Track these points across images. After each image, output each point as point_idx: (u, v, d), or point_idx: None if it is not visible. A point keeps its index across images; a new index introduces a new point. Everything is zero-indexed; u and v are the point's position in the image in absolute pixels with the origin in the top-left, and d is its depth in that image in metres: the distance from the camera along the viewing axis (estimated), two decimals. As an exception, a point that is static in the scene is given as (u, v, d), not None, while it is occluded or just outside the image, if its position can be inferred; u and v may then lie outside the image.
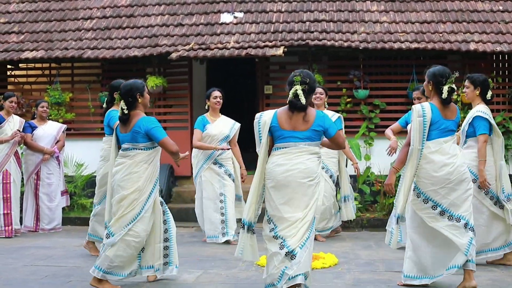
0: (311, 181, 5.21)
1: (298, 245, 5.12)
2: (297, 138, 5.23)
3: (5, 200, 9.28)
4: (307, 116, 5.23)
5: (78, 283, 6.29)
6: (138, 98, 5.93)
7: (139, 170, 5.92)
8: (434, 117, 5.71)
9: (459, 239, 5.65)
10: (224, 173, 8.59)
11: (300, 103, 5.17)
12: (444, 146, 5.73)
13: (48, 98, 11.52)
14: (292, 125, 5.24)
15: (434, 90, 5.83)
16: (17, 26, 12.55)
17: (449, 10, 11.82)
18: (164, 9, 12.54)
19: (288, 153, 5.22)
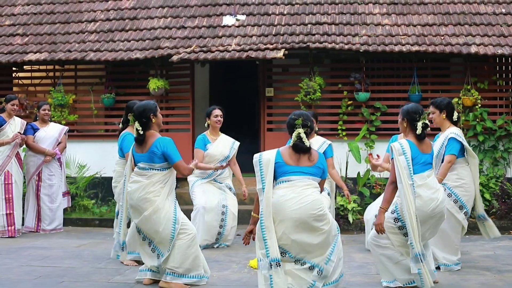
0: (320, 211, 5.27)
1: (322, 261, 5.29)
2: (302, 173, 5.37)
3: (7, 201, 9.40)
4: (311, 156, 5.44)
5: (70, 284, 6.37)
6: (152, 118, 6.08)
7: (156, 189, 6.04)
8: (413, 152, 5.85)
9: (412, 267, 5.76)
10: (225, 187, 8.71)
11: (305, 146, 5.37)
12: (428, 180, 5.90)
13: (51, 100, 11.63)
14: (296, 161, 5.40)
15: (409, 126, 5.99)
16: (22, 28, 12.67)
17: (451, 12, 11.81)
18: (167, 12, 12.61)
19: (294, 186, 5.32)
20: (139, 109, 6.12)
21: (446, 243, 6.89)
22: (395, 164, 5.81)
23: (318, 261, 5.28)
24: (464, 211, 6.94)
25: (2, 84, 12.55)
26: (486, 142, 10.97)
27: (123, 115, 7.52)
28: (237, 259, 7.57)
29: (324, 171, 5.50)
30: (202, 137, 8.66)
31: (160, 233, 6.02)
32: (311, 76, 11.20)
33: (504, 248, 8.40)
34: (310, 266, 5.27)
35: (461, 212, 6.92)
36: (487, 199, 10.29)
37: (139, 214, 6.06)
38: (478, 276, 6.60)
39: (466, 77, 11.08)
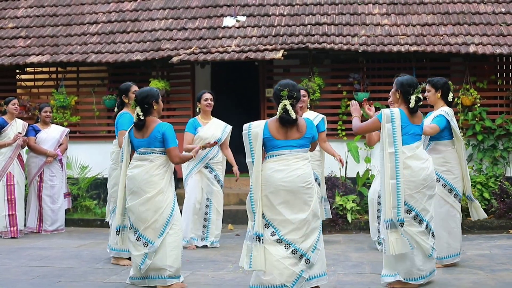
0: (308, 185, 5.37)
1: (310, 249, 5.34)
2: (291, 146, 5.40)
3: (9, 202, 9.53)
4: (299, 127, 5.42)
5: (66, 284, 6.45)
6: (154, 105, 6.13)
7: (160, 173, 6.08)
8: (403, 122, 5.90)
9: (426, 244, 5.93)
10: (214, 178, 8.64)
11: (291, 118, 5.35)
12: (417, 151, 5.97)
13: (53, 102, 11.75)
14: (286, 135, 5.40)
15: (402, 98, 6.03)
16: (25, 31, 12.79)
17: (450, 12, 11.83)
18: (168, 13, 12.70)
19: (284, 159, 5.37)
20: (142, 94, 6.15)
21: (447, 230, 6.93)
22: (382, 130, 5.89)
23: (305, 248, 5.31)
24: (453, 193, 6.95)
25: (6, 86, 12.70)
26: (486, 142, 11.00)
27: (117, 98, 7.52)
28: (233, 259, 7.61)
29: (313, 137, 5.50)
30: (193, 120, 8.65)
31: (157, 215, 5.98)
32: (310, 76, 11.25)
33: (501, 247, 8.42)
34: (300, 255, 5.30)
35: (451, 195, 6.93)
36: (486, 198, 10.31)
37: (139, 197, 6.01)
38: (470, 275, 6.63)
39: (465, 76, 11.11)
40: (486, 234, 9.64)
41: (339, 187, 10.63)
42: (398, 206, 5.77)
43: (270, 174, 5.33)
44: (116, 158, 7.32)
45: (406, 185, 5.84)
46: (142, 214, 6.02)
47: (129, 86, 7.32)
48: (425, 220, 5.95)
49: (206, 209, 8.57)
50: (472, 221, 9.94)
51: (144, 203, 6.00)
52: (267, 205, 5.37)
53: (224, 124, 8.80)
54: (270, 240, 5.32)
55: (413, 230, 5.89)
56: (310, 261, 5.34)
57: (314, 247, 5.37)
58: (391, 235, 5.78)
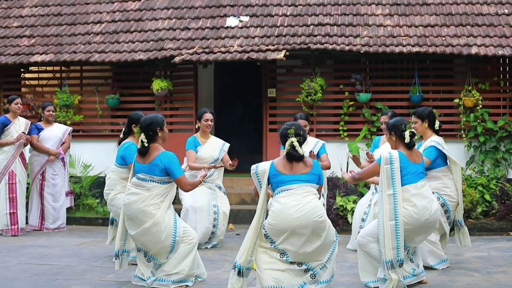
0: (321, 218, 5.47)
1: (318, 266, 5.55)
2: (299, 181, 5.53)
3: (11, 200, 9.59)
4: (306, 163, 5.61)
5: (63, 281, 6.52)
6: (158, 132, 6.15)
7: (156, 203, 6.08)
8: (403, 162, 6.04)
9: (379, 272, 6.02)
10: (215, 186, 8.76)
11: (298, 154, 5.54)
12: (422, 190, 6.08)
13: (57, 101, 11.82)
14: (292, 171, 5.57)
15: (398, 139, 6.21)
16: (29, 30, 12.86)
17: (453, 13, 11.81)
18: (171, 13, 12.73)
19: (294, 194, 5.49)
20: (146, 121, 6.17)
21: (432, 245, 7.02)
22: (380, 172, 6.00)
23: (314, 266, 5.50)
24: (447, 215, 7.10)
25: (11, 85, 12.77)
26: (487, 143, 10.98)
27: (125, 126, 7.43)
28: (231, 259, 7.57)
29: (320, 177, 5.64)
30: (193, 139, 8.73)
31: (159, 245, 6.08)
32: (312, 77, 11.27)
33: (499, 249, 8.42)
34: (305, 269, 5.49)
35: (445, 216, 7.06)
36: (487, 200, 10.33)
37: (138, 226, 6.07)
38: (466, 277, 6.65)
39: (468, 78, 11.10)
40: (486, 236, 9.65)
41: (340, 187, 10.66)
42: (398, 247, 5.84)
43: (281, 210, 5.43)
44: (112, 185, 7.38)
45: (408, 220, 5.92)
46: (146, 243, 6.14)
47: (141, 117, 6.86)
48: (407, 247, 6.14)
49: (214, 215, 8.56)
50: (472, 222, 9.99)
51: (144, 234, 6.07)
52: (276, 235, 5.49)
53: (222, 143, 8.82)
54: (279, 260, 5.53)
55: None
56: (315, 277, 5.53)
57: (323, 265, 5.56)
58: (393, 275, 5.82)
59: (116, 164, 7.28)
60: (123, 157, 7.16)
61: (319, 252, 5.50)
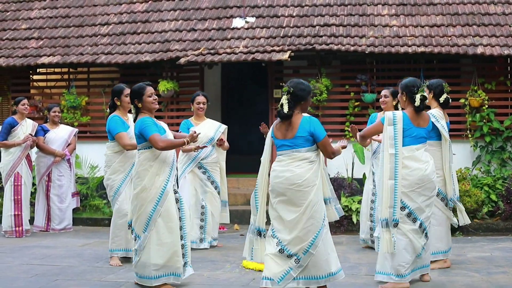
0: (298, 187, 5.45)
1: (301, 250, 5.45)
2: (286, 146, 5.52)
3: (16, 202, 9.65)
4: (292, 124, 5.49)
5: (63, 282, 6.55)
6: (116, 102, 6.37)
7: (143, 168, 6.06)
8: (405, 124, 6.10)
9: (417, 243, 6.12)
10: (207, 179, 8.55)
11: (283, 113, 5.48)
12: (416, 153, 6.15)
13: (64, 102, 11.91)
14: (283, 134, 5.54)
15: (408, 100, 6.22)
16: (37, 32, 12.97)
17: (460, 13, 11.76)
18: (178, 15, 12.78)
19: (282, 160, 5.54)
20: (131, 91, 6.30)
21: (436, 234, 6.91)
22: (383, 132, 6.12)
23: (296, 250, 5.45)
24: (440, 197, 6.94)
25: (19, 86, 12.88)
26: (494, 143, 10.92)
27: (110, 100, 7.43)
28: (232, 259, 7.67)
29: (312, 134, 5.44)
30: (186, 121, 8.65)
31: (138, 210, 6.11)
32: (317, 77, 11.27)
33: (503, 249, 8.36)
34: (287, 255, 5.46)
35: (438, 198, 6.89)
36: (493, 200, 10.25)
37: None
38: (465, 278, 6.61)
39: (473, 78, 11.05)
40: (491, 236, 9.58)
41: (345, 188, 10.63)
42: (394, 206, 6.00)
43: (271, 174, 5.56)
44: (107, 161, 7.49)
45: (402, 184, 6.03)
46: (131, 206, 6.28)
47: (122, 89, 7.34)
48: (419, 219, 6.11)
49: (202, 209, 8.46)
50: (477, 223, 9.93)
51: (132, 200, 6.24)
52: (270, 202, 5.62)
53: (218, 124, 8.76)
54: (268, 234, 5.60)
55: (406, 227, 6.07)
56: (299, 262, 5.45)
57: (306, 250, 5.44)
58: (386, 233, 5.98)
59: (109, 140, 7.43)
60: (107, 130, 7.32)
61: (300, 229, 5.42)
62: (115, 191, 7.34)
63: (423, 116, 6.23)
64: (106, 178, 7.46)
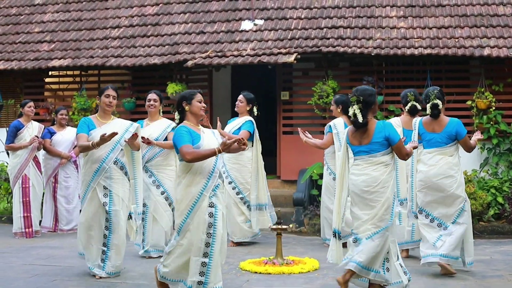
0: (374, 188, 5.74)
1: (364, 236, 5.73)
2: (363, 152, 5.79)
3: (24, 204, 9.81)
4: (367, 131, 5.76)
5: (61, 282, 6.67)
6: (185, 106, 5.77)
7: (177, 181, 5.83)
8: (419, 130, 6.99)
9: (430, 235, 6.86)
10: (152, 183, 7.91)
11: (359, 123, 5.71)
12: (423, 157, 6.95)
13: (75, 104, 12.08)
14: (358, 141, 5.81)
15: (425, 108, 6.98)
16: (49, 35, 13.17)
17: (468, 14, 11.72)
18: (188, 17, 12.90)
19: (359, 164, 5.82)
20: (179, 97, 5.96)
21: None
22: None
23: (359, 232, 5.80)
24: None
25: (32, 89, 13.07)
26: (501, 145, 10.87)
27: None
28: (232, 260, 7.71)
29: (387, 138, 5.73)
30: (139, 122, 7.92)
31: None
32: (324, 79, 11.30)
33: (504, 253, 8.33)
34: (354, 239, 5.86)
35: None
36: (500, 203, 10.22)
37: None
38: (459, 281, 6.61)
39: (480, 80, 11.00)
40: (496, 239, 9.54)
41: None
42: (412, 200, 7.10)
43: (351, 177, 5.85)
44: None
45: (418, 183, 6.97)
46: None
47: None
48: (430, 214, 6.89)
49: (143, 215, 7.64)
50: (483, 225, 9.90)
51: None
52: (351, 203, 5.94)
53: (168, 123, 8.04)
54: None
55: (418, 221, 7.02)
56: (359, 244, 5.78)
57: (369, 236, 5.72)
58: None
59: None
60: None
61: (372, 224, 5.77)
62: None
63: (439, 122, 6.87)
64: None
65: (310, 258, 7.65)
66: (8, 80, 13.08)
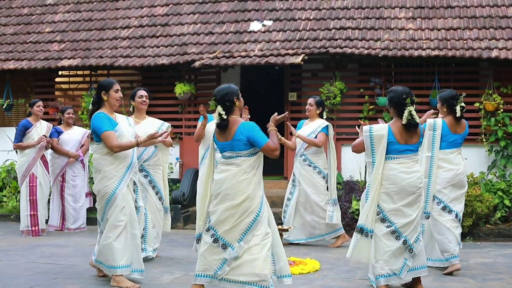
0: (421, 185, 6.14)
1: (414, 239, 6.04)
2: (410, 150, 6.07)
3: (31, 202, 9.90)
4: (417, 131, 6.11)
5: (61, 280, 6.72)
6: (235, 101, 5.63)
7: (248, 177, 5.54)
8: (444, 131, 7.08)
9: (455, 230, 7.05)
10: (148, 183, 7.90)
11: (414, 123, 6.01)
12: (449, 156, 7.14)
13: (84, 104, 12.16)
14: (407, 140, 6.04)
15: (448, 110, 7.15)
16: (60, 35, 13.27)
17: (477, 16, 11.65)
18: (197, 18, 12.94)
19: (405, 162, 6.05)
20: (222, 91, 5.63)
21: None
22: (424, 136, 6.78)
23: (411, 239, 6.05)
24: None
25: (42, 88, 13.16)
26: (509, 148, 10.78)
27: (95, 95, 6.75)
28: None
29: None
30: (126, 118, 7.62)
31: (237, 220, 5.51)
32: (332, 80, 11.29)
33: (507, 256, 8.27)
34: (407, 246, 6.01)
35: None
36: (507, 205, 10.15)
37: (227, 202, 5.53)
38: (459, 284, 6.59)
39: (488, 82, 10.94)
40: (501, 242, 9.50)
41: (356, 191, 10.63)
42: (427, 201, 6.96)
43: (396, 174, 5.98)
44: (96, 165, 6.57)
45: (436, 182, 7.05)
46: (222, 215, 5.55)
47: (112, 84, 6.68)
48: (453, 210, 7.09)
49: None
50: (489, 228, 9.85)
51: (229, 209, 5.52)
52: (386, 201, 6.03)
53: (161, 122, 8.10)
54: (384, 231, 6.01)
55: (443, 218, 7.03)
56: (413, 251, 6.03)
57: (417, 239, 6.08)
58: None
59: (95, 141, 6.58)
60: (93, 130, 6.50)
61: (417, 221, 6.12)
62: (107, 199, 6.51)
63: (461, 124, 7.19)
64: (95, 184, 6.62)
65: (312, 259, 7.65)
66: (18, 80, 13.18)
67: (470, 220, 9.55)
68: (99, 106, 6.66)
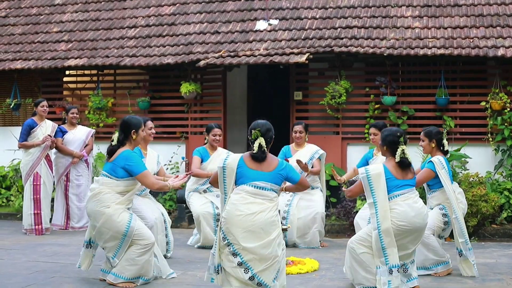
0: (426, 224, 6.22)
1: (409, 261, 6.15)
2: (409, 186, 6.10)
3: (35, 201, 9.94)
4: (411, 168, 6.17)
5: (59, 279, 6.74)
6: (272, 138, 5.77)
7: (276, 213, 5.60)
8: (448, 168, 7.12)
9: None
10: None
11: (408, 162, 6.08)
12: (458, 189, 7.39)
13: (91, 103, 12.20)
14: (402, 176, 6.07)
15: (436, 146, 7.17)
16: (67, 35, 13.32)
17: (484, 14, 11.53)
18: (204, 17, 12.92)
19: (410, 198, 6.05)
20: (266, 126, 5.71)
21: None
22: (440, 175, 6.89)
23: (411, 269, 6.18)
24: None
25: (50, 88, 13.22)
26: (516, 147, 10.68)
27: (120, 132, 6.60)
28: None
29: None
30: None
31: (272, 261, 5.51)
32: (337, 80, 11.23)
33: (511, 256, 8.19)
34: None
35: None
36: (513, 207, 10.07)
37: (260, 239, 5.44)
38: (457, 284, 6.53)
39: (495, 80, 10.83)
40: (507, 242, 9.42)
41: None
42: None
43: (405, 210, 5.94)
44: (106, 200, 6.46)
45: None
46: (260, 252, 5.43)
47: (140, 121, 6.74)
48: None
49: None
50: (494, 228, 9.76)
51: (266, 247, 5.43)
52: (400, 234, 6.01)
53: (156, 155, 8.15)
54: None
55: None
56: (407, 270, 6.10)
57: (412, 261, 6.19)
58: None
59: (111, 176, 6.47)
60: (126, 168, 6.40)
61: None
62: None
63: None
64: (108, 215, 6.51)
65: (312, 259, 7.62)
66: (26, 79, 13.25)
67: (475, 220, 9.48)
68: (124, 143, 6.58)
